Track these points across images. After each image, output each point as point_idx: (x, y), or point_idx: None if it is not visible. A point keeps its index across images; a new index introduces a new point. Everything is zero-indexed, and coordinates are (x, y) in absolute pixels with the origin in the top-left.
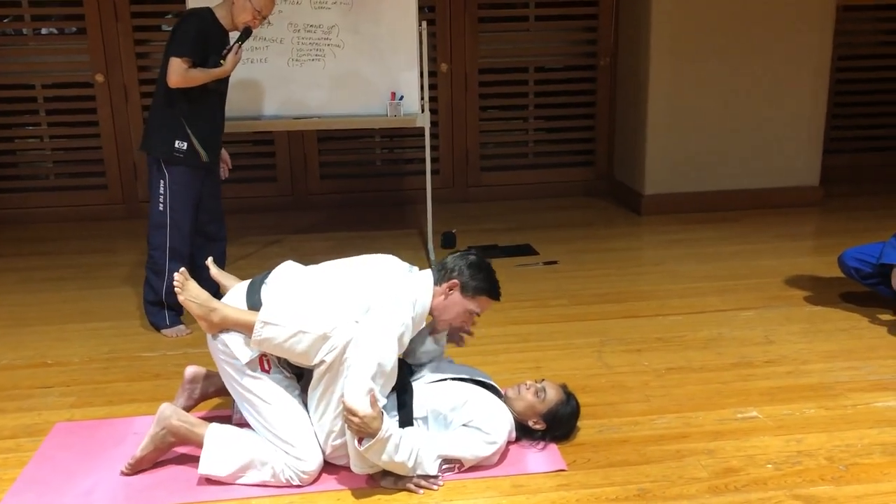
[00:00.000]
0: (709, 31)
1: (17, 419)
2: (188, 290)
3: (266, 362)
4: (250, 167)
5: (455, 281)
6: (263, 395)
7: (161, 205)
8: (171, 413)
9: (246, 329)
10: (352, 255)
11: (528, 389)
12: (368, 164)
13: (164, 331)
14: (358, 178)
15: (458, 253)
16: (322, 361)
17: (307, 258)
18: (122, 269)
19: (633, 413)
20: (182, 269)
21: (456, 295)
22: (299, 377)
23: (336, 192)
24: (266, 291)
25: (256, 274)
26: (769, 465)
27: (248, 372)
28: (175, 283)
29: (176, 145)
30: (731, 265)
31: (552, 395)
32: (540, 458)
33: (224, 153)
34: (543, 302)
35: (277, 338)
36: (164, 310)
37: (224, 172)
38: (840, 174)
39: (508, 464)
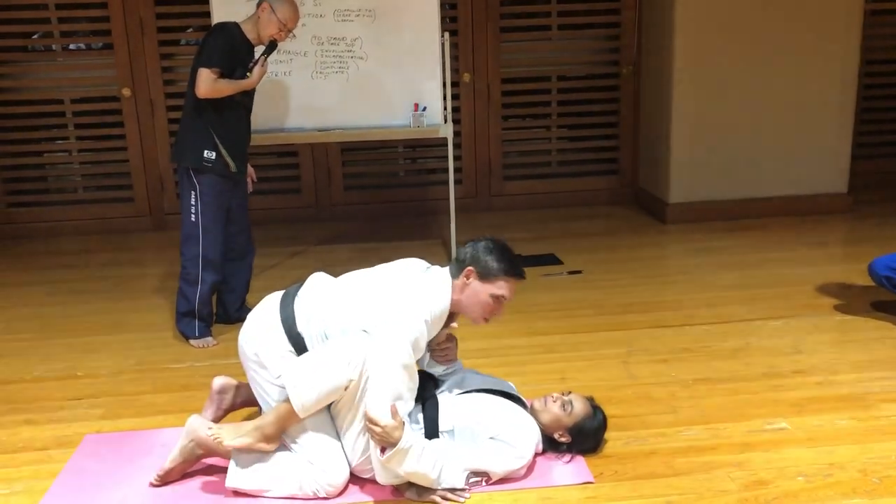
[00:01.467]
0: (733, 38)
1: (47, 431)
2: (226, 435)
3: None
4: (275, 179)
5: (470, 268)
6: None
7: (193, 215)
8: (200, 425)
9: (290, 417)
10: (375, 266)
11: (554, 402)
12: (392, 175)
13: (192, 341)
14: (381, 188)
15: (471, 241)
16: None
17: (331, 269)
18: (149, 280)
19: (660, 424)
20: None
21: (474, 283)
22: None
23: (359, 202)
24: (298, 304)
25: (279, 285)
26: (800, 478)
27: (279, 384)
28: (213, 437)
29: (205, 155)
30: (759, 274)
31: (579, 408)
32: (567, 471)
33: (249, 168)
34: (568, 312)
35: (321, 397)
36: (194, 320)
37: (248, 186)
38: (869, 180)
39: (535, 476)
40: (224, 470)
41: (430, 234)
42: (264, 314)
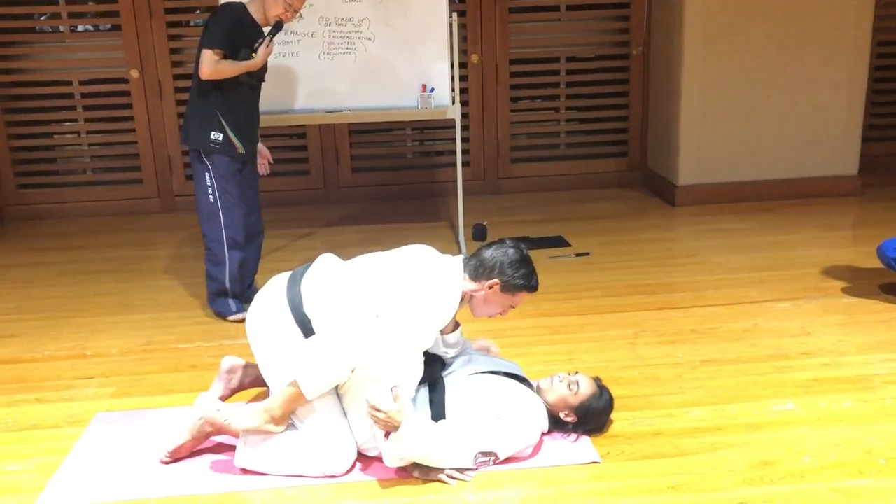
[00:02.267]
0: (743, 18)
1: (59, 409)
2: (235, 417)
3: None
4: (282, 160)
5: (496, 280)
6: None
7: (210, 195)
8: (209, 403)
9: (298, 399)
10: (383, 248)
11: (560, 382)
12: (399, 157)
13: (230, 317)
14: (389, 170)
15: (496, 244)
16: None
17: (339, 251)
18: (158, 261)
19: (667, 405)
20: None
21: (496, 293)
22: None
23: (367, 184)
24: (305, 286)
25: (287, 267)
26: (806, 458)
27: (286, 366)
28: (223, 420)
29: (212, 136)
30: (767, 256)
31: (585, 387)
32: (573, 451)
33: (263, 148)
34: (576, 294)
35: (328, 382)
36: (228, 298)
37: (264, 168)
38: (879, 163)
39: (542, 456)
40: (233, 448)
41: (437, 217)
42: (272, 295)
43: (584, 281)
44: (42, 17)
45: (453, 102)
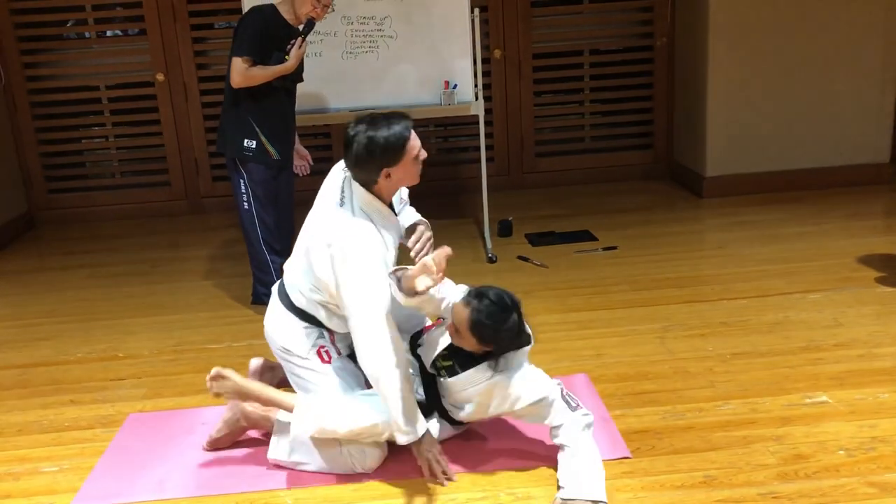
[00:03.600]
0: (769, 7)
1: (92, 410)
2: (223, 385)
3: (325, 353)
4: (311, 165)
5: (385, 170)
6: (325, 388)
7: (245, 203)
8: (239, 405)
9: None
10: (408, 246)
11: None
12: None
13: None
14: None
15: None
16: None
17: None
18: (186, 263)
19: (697, 399)
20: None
21: (394, 172)
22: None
23: None
24: (287, 281)
25: None
26: (841, 452)
27: (309, 366)
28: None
29: (245, 144)
30: (798, 247)
31: (458, 310)
32: (603, 446)
33: (302, 149)
34: (604, 288)
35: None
36: None
37: (305, 169)
38: None
39: None
40: (264, 445)
41: (462, 213)
42: (272, 301)
43: (612, 275)
44: (69, 24)
45: (476, 98)
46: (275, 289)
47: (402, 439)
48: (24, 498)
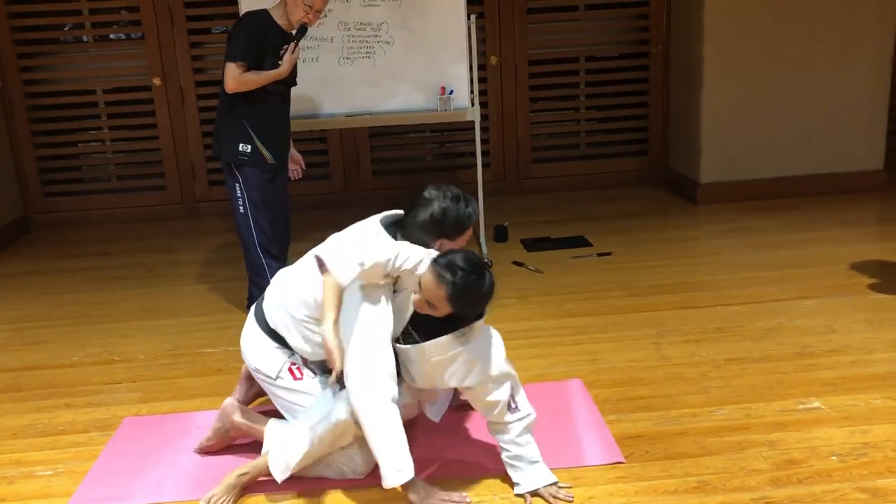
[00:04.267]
0: (764, 14)
1: (87, 414)
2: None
3: (297, 370)
4: (305, 165)
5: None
6: (303, 404)
7: (241, 207)
8: (233, 410)
9: None
10: None
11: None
12: (420, 160)
13: None
14: (410, 173)
15: None
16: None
17: None
18: (182, 267)
19: (691, 405)
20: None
21: None
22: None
23: (388, 187)
24: (266, 301)
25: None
26: (833, 457)
27: (283, 385)
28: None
29: (240, 148)
30: (792, 254)
31: (431, 286)
32: (597, 451)
33: (296, 153)
34: (598, 294)
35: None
36: None
37: (297, 173)
38: None
39: (565, 456)
40: (257, 448)
41: None
42: (248, 321)
43: (607, 281)
44: (66, 28)
45: (472, 104)
46: (252, 308)
47: (394, 479)
48: (18, 501)
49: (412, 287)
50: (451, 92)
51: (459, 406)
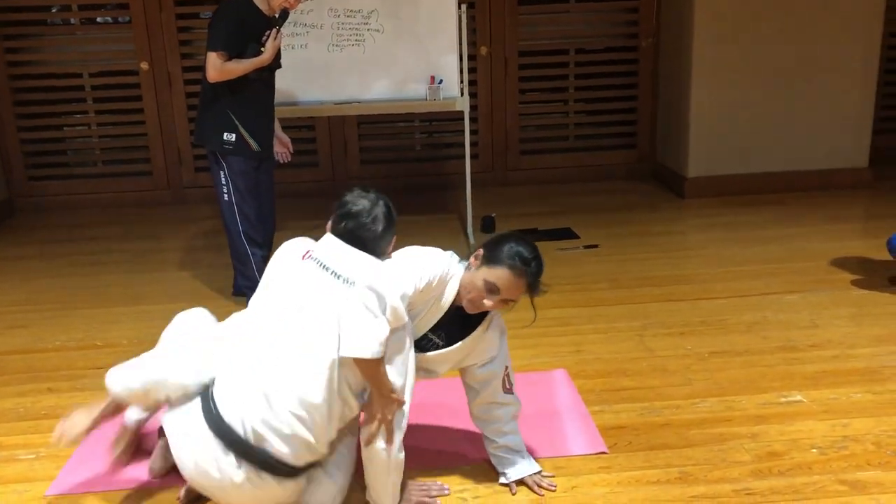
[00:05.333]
0: (754, 8)
1: (71, 398)
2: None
3: None
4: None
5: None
6: None
7: (226, 195)
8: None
9: None
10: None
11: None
12: (408, 149)
13: None
14: (398, 162)
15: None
16: None
17: None
18: (168, 254)
19: (674, 396)
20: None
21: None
22: None
23: (376, 176)
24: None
25: None
26: (814, 450)
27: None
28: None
29: (224, 137)
30: (777, 249)
31: (511, 282)
32: (581, 441)
33: (284, 136)
34: (584, 286)
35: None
36: None
37: (285, 156)
38: (890, 155)
39: (549, 445)
40: None
41: (446, 209)
42: (196, 437)
43: (593, 273)
44: (53, 10)
45: (462, 94)
46: (200, 416)
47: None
48: (2, 484)
49: (446, 298)
50: (441, 81)
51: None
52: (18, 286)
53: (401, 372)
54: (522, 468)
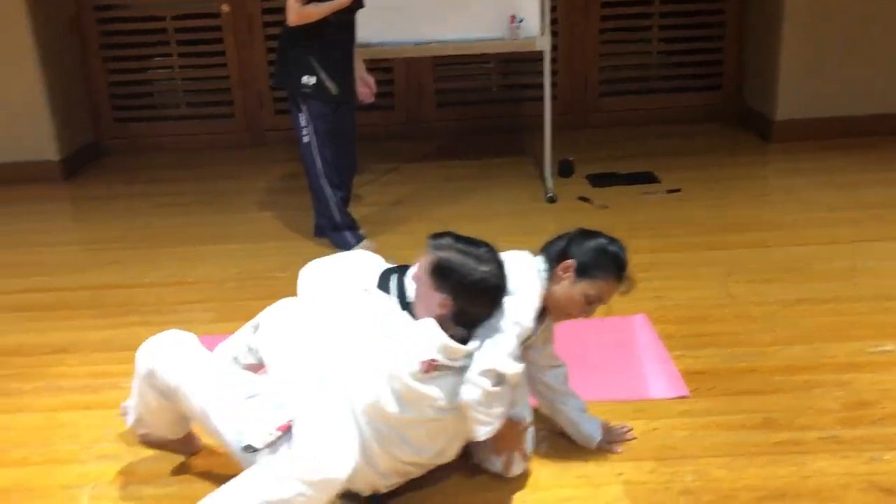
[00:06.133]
0: None
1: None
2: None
3: None
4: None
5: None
6: None
7: (305, 136)
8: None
9: None
10: (467, 184)
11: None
12: (485, 91)
13: (353, 250)
14: (474, 104)
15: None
16: None
17: (424, 186)
18: (250, 195)
19: (759, 343)
20: None
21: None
22: None
23: (452, 119)
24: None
25: (376, 202)
26: None
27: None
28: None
29: (303, 80)
30: (870, 194)
31: (600, 287)
32: (661, 384)
33: (369, 78)
34: (665, 231)
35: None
36: (343, 232)
37: (367, 97)
38: None
39: (629, 389)
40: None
41: (522, 152)
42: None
43: (675, 218)
44: None
45: (543, 33)
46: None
47: None
48: (103, 409)
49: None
50: (521, 20)
51: None
52: (110, 225)
53: (523, 404)
54: (598, 424)
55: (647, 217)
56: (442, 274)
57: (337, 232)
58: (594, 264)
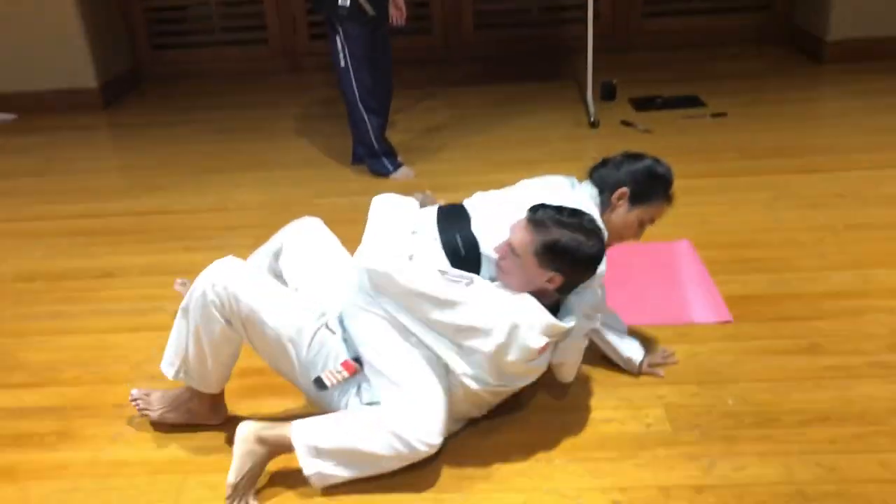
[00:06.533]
0: None
1: (206, 256)
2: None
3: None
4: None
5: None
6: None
7: (342, 60)
8: (250, 430)
9: None
10: (507, 108)
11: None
12: (524, 12)
13: (391, 176)
14: (512, 27)
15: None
16: None
17: (463, 111)
18: (287, 122)
19: (806, 269)
20: None
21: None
22: None
23: (490, 42)
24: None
25: (413, 127)
26: None
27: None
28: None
29: (340, 2)
30: None
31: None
32: (705, 309)
33: (399, 0)
34: (711, 155)
35: None
36: (381, 158)
37: (399, 19)
38: None
39: (672, 313)
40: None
41: (563, 75)
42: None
43: (720, 142)
44: None
45: None
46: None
47: None
48: (152, 331)
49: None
50: None
51: None
52: (151, 152)
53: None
54: (638, 345)
55: (692, 141)
56: (554, 255)
57: (374, 158)
58: (647, 189)
